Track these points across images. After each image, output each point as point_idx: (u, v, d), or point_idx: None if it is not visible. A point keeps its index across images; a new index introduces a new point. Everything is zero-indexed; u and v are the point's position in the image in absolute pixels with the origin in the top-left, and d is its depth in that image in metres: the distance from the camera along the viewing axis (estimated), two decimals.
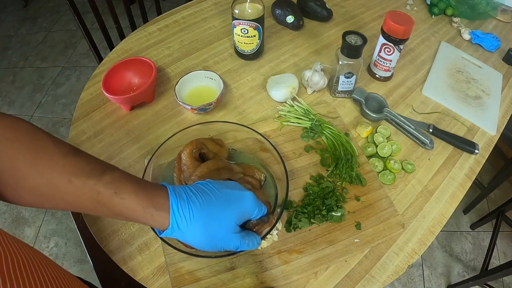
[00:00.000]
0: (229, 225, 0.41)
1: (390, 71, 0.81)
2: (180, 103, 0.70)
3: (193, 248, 0.42)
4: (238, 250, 0.43)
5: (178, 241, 0.42)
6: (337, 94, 0.78)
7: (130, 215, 0.36)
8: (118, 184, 0.35)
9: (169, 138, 0.58)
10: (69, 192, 0.34)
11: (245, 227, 0.46)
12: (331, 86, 0.77)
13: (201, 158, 0.55)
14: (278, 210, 0.52)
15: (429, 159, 0.70)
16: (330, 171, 0.64)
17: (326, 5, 0.96)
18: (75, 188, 0.34)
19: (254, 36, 0.79)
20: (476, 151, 0.69)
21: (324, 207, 0.59)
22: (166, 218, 0.37)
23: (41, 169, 0.33)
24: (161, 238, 0.47)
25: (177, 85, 0.73)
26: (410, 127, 0.71)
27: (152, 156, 0.55)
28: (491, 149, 0.73)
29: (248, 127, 0.60)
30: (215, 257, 0.47)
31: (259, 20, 0.76)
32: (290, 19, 0.92)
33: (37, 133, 0.34)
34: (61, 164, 0.33)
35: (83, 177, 0.34)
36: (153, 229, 0.44)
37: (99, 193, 0.34)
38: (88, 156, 0.36)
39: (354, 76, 0.74)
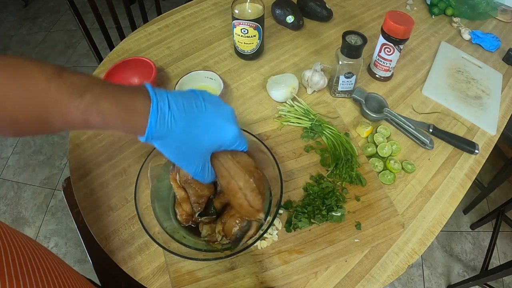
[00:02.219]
0: (202, 150, 0.44)
1: (390, 71, 0.81)
2: None
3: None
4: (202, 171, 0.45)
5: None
6: (337, 94, 0.78)
7: (111, 127, 0.40)
8: (99, 103, 0.37)
9: None
10: (57, 112, 0.37)
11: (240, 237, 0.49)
12: (331, 86, 0.77)
13: None
14: (275, 209, 0.52)
15: (429, 159, 0.70)
16: (330, 171, 0.64)
17: (326, 5, 0.96)
18: (61, 108, 0.37)
19: (254, 36, 0.79)
20: (476, 151, 0.69)
21: (324, 207, 0.59)
22: (143, 127, 0.39)
23: (28, 94, 0.35)
24: (158, 243, 0.47)
25: (177, 85, 0.73)
26: (410, 127, 0.71)
27: (148, 156, 0.55)
28: (491, 149, 0.73)
29: (243, 130, 0.59)
30: (213, 259, 0.47)
31: (259, 20, 0.76)
32: (290, 19, 0.92)
33: (22, 61, 0.36)
34: (46, 87, 0.36)
35: (66, 98, 0.36)
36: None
37: (83, 112, 0.37)
38: (70, 76, 0.38)
39: (354, 76, 0.74)
